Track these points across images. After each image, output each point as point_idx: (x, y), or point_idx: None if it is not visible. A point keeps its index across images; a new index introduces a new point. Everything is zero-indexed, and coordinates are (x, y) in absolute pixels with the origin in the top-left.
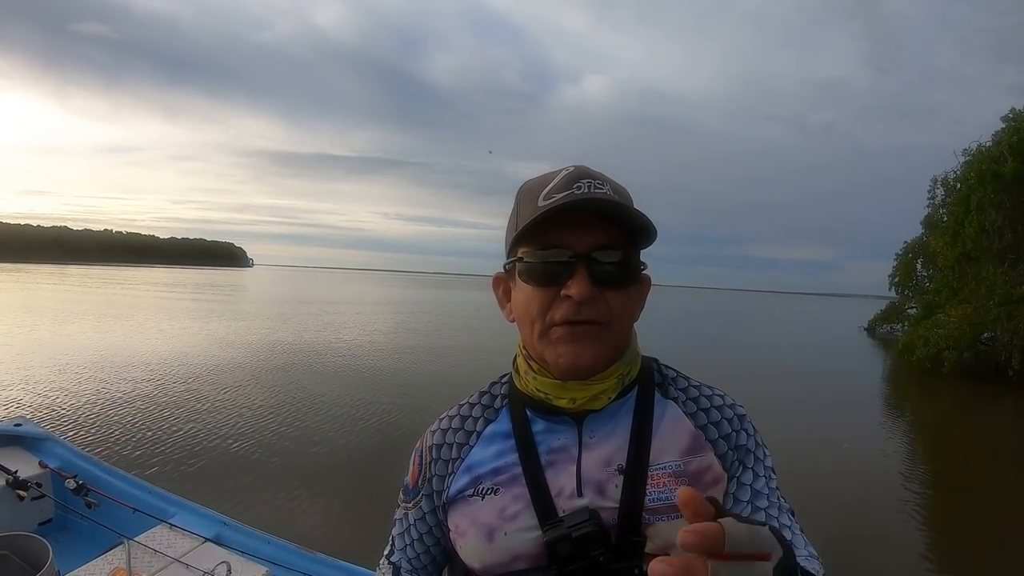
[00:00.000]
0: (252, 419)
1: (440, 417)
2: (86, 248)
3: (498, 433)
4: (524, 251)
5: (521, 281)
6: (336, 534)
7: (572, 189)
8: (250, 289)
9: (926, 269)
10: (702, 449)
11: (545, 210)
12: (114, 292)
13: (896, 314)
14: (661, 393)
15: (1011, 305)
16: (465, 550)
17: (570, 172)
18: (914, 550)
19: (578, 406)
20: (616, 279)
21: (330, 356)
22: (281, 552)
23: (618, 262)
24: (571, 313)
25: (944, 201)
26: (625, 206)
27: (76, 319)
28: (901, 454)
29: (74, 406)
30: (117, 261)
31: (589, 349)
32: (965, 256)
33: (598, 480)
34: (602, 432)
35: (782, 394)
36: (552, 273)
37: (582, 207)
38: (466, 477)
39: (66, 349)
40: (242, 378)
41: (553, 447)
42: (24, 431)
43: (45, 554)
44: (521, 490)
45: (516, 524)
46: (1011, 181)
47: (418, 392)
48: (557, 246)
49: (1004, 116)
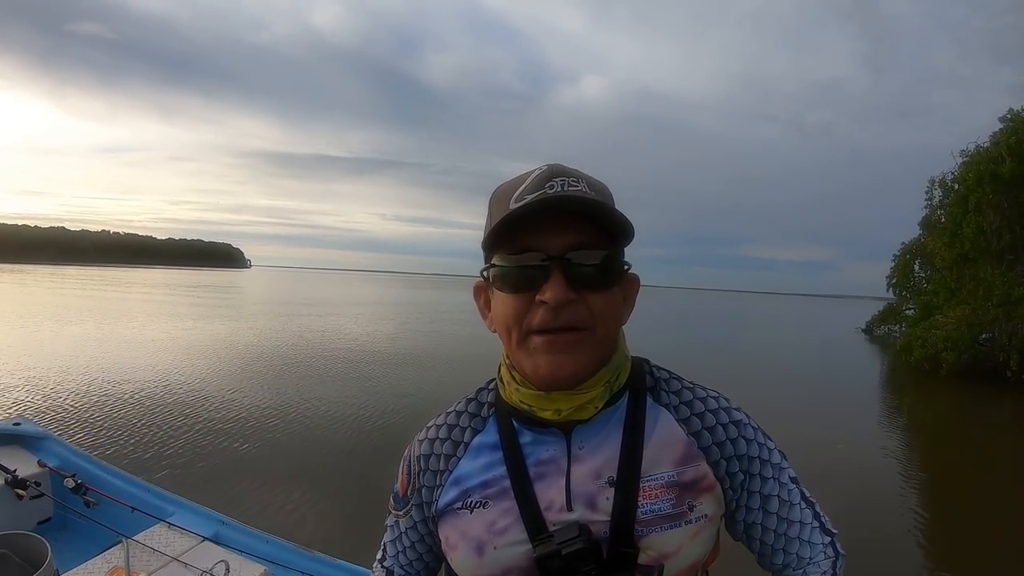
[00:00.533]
0: (251, 419)
1: (428, 426)
2: (83, 249)
3: (485, 444)
4: (497, 257)
5: (496, 288)
6: (334, 533)
7: (544, 189)
8: (249, 290)
9: (924, 270)
10: (695, 458)
11: (514, 211)
12: (111, 293)
13: (894, 315)
14: (653, 398)
15: (1009, 306)
16: (455, 563)
17: (542, 171)
18: (912, 551)
19: (564, 417)
20: (595, 280)
21: (329, 357)
22: (279, 551)
23: (597, 262)
24: (548, 319)
25: (942, 202)
26: (597, 202)
27: (76, 320)
28: (899, 455)
29: (73, 405)
30: (114, 262)
31: (570, 358)
32: (963, 257)
33: (588, 493)
34: (592, 442)
35: (779, 396)
36: (526, 278)
37: (552, 207)
38: (454, 490)
39: (65, 349)
40: (242, 378)
41: (541, 459)
42: (23, 430)
43: (44, 553)
44: (510, 504)
45: (505, 539)
46: (1009, 182)
47: (417, 393)
48: (530, 249)
49: (1002, 117)
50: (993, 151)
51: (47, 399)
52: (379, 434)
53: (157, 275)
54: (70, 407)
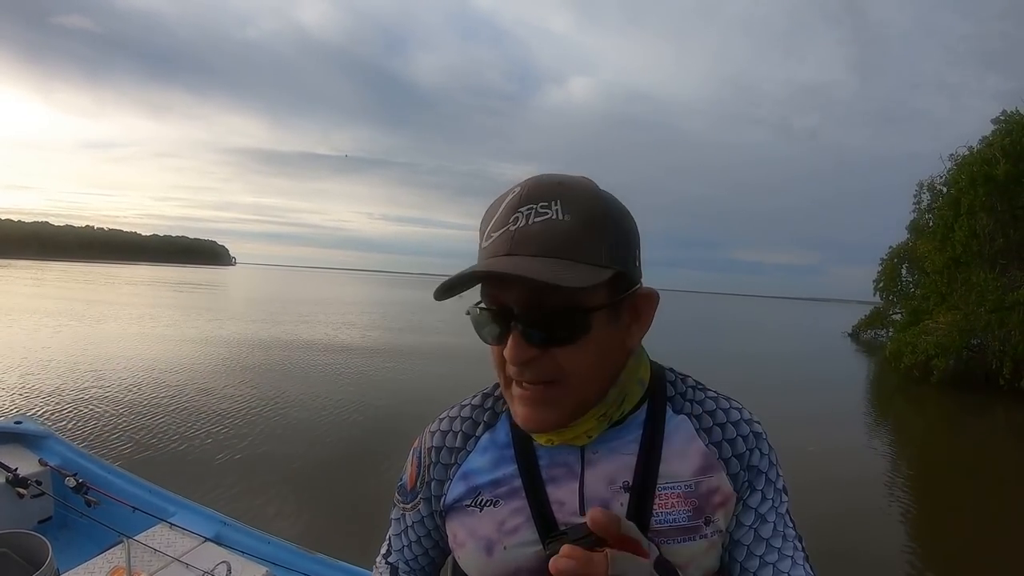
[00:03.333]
0: (253, 419)
1: (440, 417)
2: (67, 244)
3: (496, 442)
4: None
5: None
6: (336, 534)
7: (507, 224)
8: (235, 288)
9: (911, 274)
10: (714, 468)
11: (456, 276)
12: (92, 291)
13: (881, 319)
14: (673, 407)
15: (1003, 311)
16: (463, 560)
17: (516, 195)
18: (898, 563)
19: (556, 445)
20: (558, 336)
21: (328, 356)
22: (281, 552)
23: (555, 318)
24: (515, 375)
25: (930, 206)
26: (532, 280)
27: (74, 319)
28: (887, 464)
29: (75, 404)
30: (98, 258)
31: (543, 412)
32: (955, 261)
33: (602, 497)
34: (606, 448)
35: (764, 403)
36: (492, 331)
37: (492, 279)
38: (463, 485)
39: (64, 347)
40: (244, 377)
41: (554, 460)
42: (24, 429)
43: (44, 552)
44: (521, 503)
45: (516, 538)
46: (1003, 183)
47: (416, 394)
48: (492, 298)
49: (995, 119)
50: (987, 152)
51: (48, 396)
52: (386, 434)
53: (141, 272)
54: (70, 405)
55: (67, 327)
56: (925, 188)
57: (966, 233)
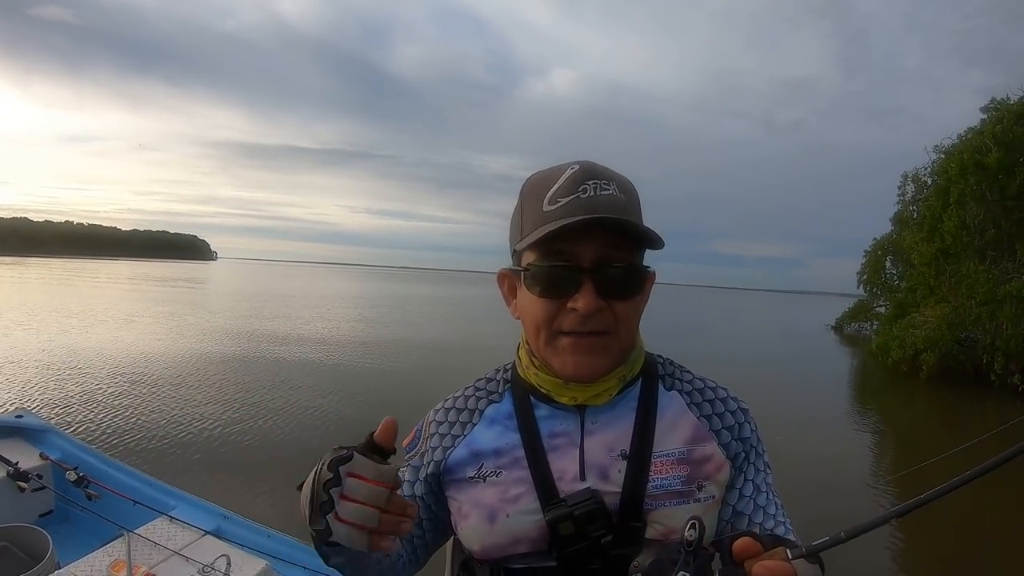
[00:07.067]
0: (253, 412)
1: (445, 399)
2: (46, 240)
3: (501, 413)
4: (530, 259)
5: (527, 288)
6: None
7: (577, 192)
8: (218, 284)
9: (896, 267)
10: (705, 438)
11: (552, 228)
12: (77, 289)
13: (864, 312)
14: (664, 385)
15: (994, 305)
16: (466, 532)
17: (575, 171)
18: (888, 564)
19: (579, 403)
20: (623, 290)
21: (325, 353)
22: (281, 545)
23: (625, 273)
24: (577, 325)
25: (915, 198)
26: (631, 224)
27: (70, 316)
28: (874, 459)
29: (75, 398)
30: (77, 253)
31: (594, 359)
32: (943, 252)
33: (601, 464)
34: (604, 418)
35: (747, 398)
36: (558, 285)
37: (588, 225)
38: (466, 451)
39: (61, 344)
40: (243, 373)
41: (556, 431)
42: (25, 423)
43: (45, 545)
44: (523, 473)
45: (518, 506)
46: (994, 172)
47: (415, 388)
48: (563, 258)
49: (984, 107)
50: (977, 140)
51: (48, 391)
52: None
53: (120, 267)
54: (71, 399)
55: (67, 327)
56: (910, 180)
57: (956, 224)
